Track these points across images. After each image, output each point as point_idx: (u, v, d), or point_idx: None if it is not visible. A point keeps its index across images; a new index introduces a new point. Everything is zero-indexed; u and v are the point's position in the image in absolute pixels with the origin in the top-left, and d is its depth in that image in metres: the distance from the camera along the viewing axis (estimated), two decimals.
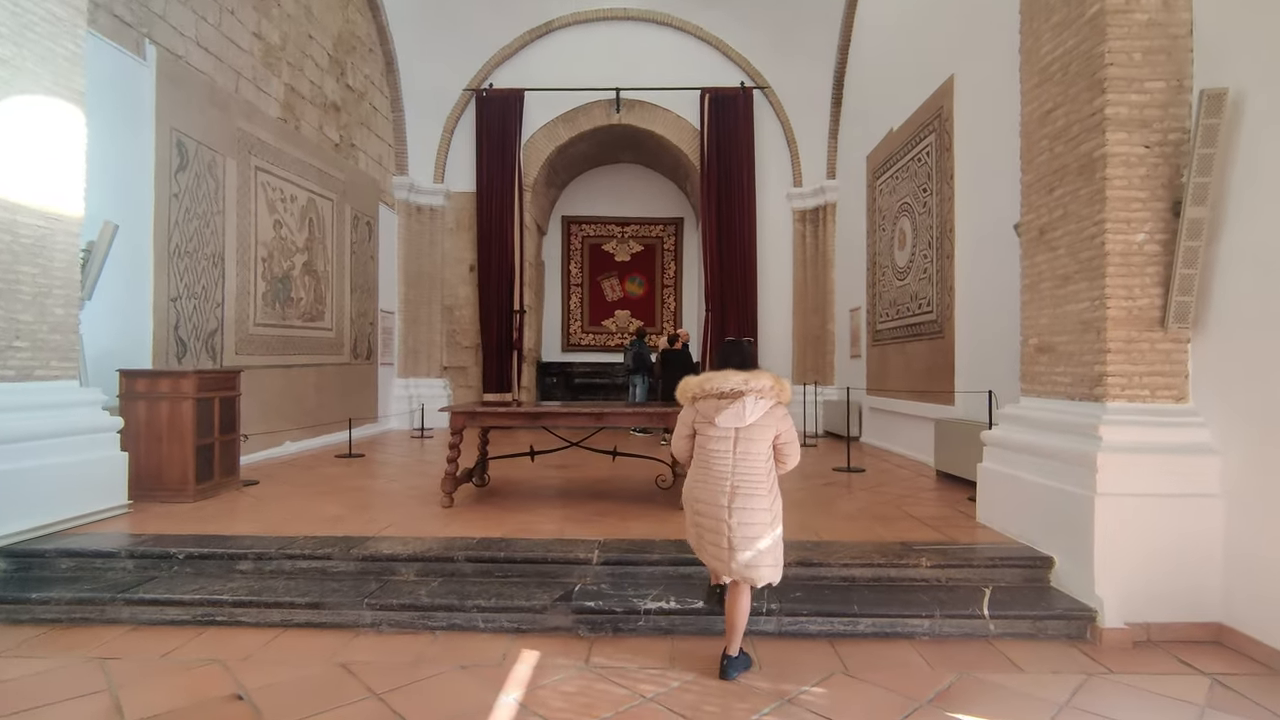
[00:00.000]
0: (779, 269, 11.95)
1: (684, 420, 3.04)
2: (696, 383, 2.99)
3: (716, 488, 2.86)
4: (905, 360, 8.04)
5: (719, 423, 2.86)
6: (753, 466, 2.85)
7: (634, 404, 10.72)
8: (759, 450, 2.87)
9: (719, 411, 2.86)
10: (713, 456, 2.89)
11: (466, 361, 12.17)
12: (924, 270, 7.51)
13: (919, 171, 7.65)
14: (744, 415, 2.84)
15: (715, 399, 2.90)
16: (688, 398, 3.01)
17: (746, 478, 2.84)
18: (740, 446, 2.85)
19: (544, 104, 12.01)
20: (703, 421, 2.93)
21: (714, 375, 2.94)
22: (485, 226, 11.87)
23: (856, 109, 10.35)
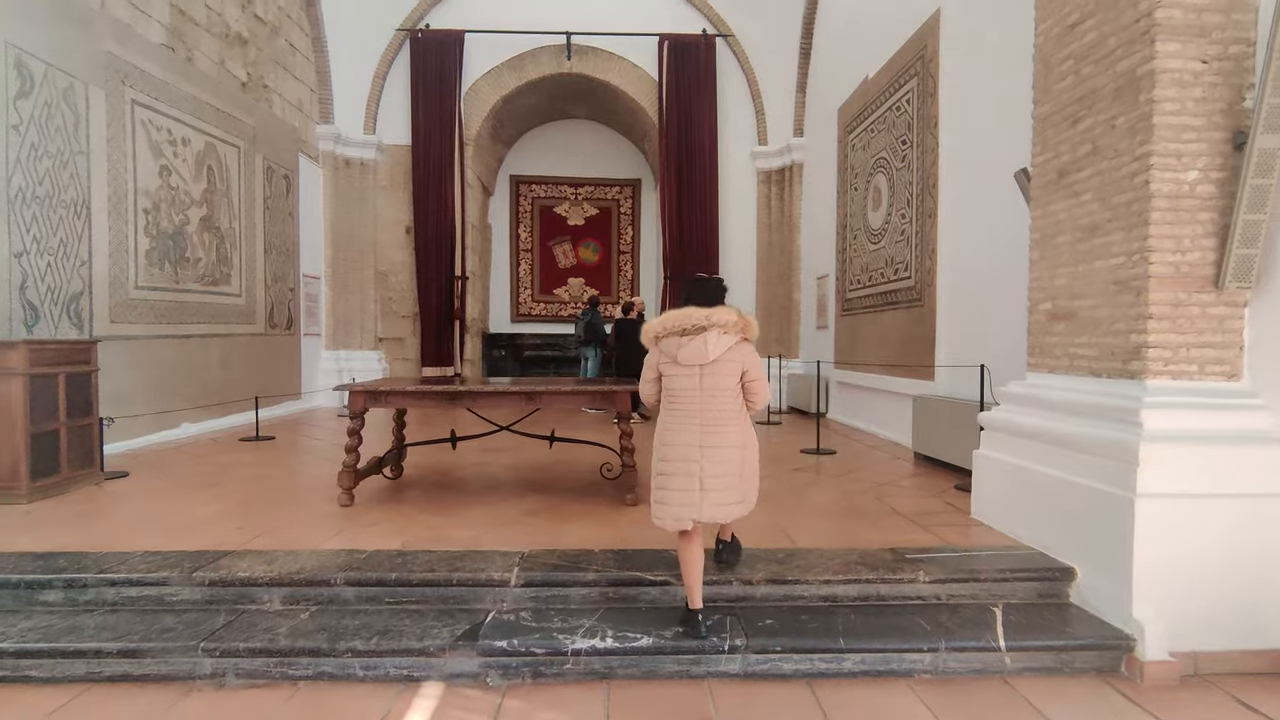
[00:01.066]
0: (742, 234, 11.17)
1: (649, 363, 2.91)
2: (658, 322, 2.84)
3: (686, 427, 2.75)
4: (878, 331, 7.38)
5: (681, 359, 2.75)
6: (720, 404, 2.76)
7: (583, 380, 9.89)
8: (725, 386, 2.77)
9: (680, 348, 2.76)
10: (679, 396, 2.78)
11: (403, 332, 11.15)
12: (901, 232, 6.81)
13: (897, 122, 6.90)
14: (706, 351, 2.72)
15: (677, 336, 2.78)
16: (650, 338, 2.87)
17: (718, 415, 2.75)
18: (706, 383, 2.75)
19: (487, 48, 10.88)
20: (666, 360, 2.82)
21: (675, 312, 2.83)
22: (422, 184, 10.77)
23: (827, 58, 9.54)
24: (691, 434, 2.73)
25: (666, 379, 2.82)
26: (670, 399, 2.81)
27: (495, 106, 11.16)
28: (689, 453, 2.72)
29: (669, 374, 2.81)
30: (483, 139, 11.46)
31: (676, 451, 2.75)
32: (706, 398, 2.74)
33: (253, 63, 8.56)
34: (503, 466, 5.60)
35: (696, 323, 2.73)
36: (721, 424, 2.74)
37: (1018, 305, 4.65)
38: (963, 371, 5.53)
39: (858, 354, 7.99)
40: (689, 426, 2.74)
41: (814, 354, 9.95)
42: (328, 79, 10.36)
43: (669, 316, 2.82)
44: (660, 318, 2.86)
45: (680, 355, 2.74)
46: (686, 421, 2.74)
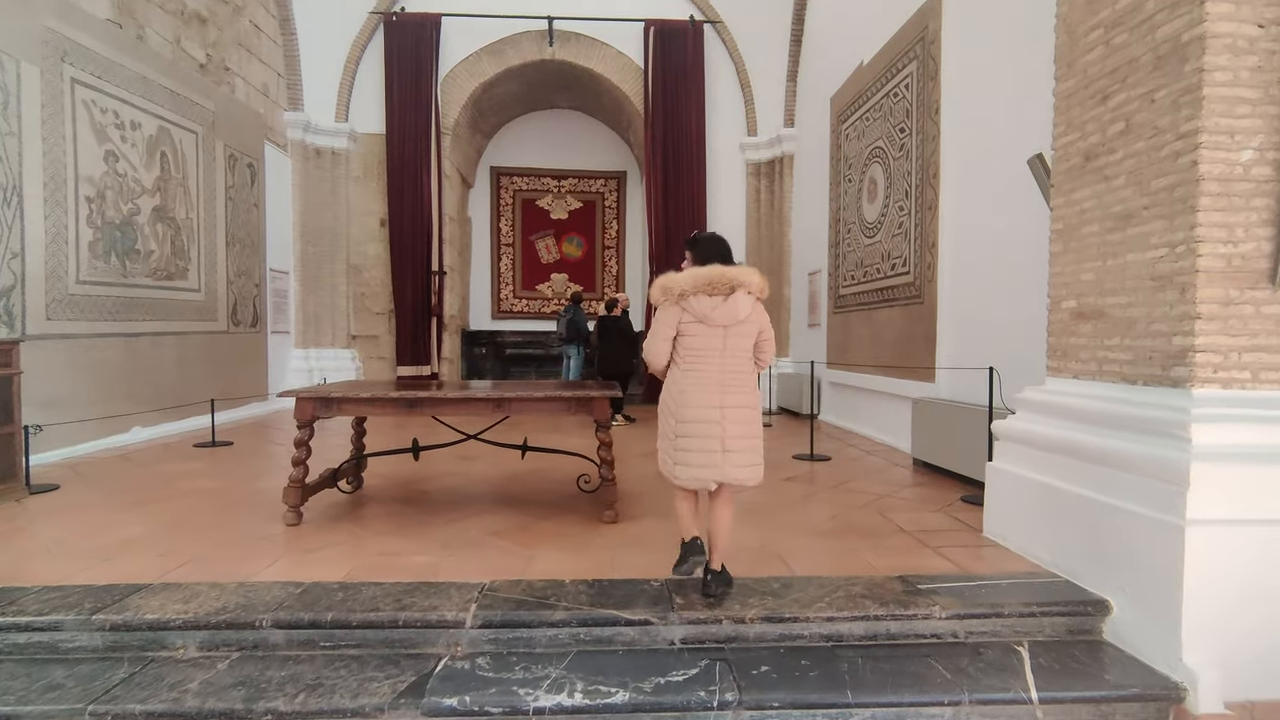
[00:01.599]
0: (731, 228, 10.75)
1: (667, 320, 2.77)
2: (687, 278, 2.73)
3: (706, 387, 2.72)
4: (873, 330, 7.03)
5: (714, 319, 2.69)
6: (740, 364, 2.78)
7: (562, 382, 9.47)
8: (745, 347, 2.78)
9: (714, 308, 2.69)
10: (700, 355, 2.74)
11: (378, 330, 10.68)
12: (899, 224, 6.45)
13: (895, 109, 6.54)
14: (736, 310, 2.70)
15: (707, 295, 2.70)
16: (674, 294, 2.74)
17: (736, 375, 2.76)
18: (730, 343, 2.74)
19: (466, 32, 10.42)
20: (691, 320, 2.73)
21: (705, 270, 2.73)
22: (397, 175, 10.30)
23: (819, 45, 9.17)
24: (711, 394, 2.71)
25: (686, 339, 2.75)
26: (689, 359, 2.75)
27: (474, 94, 10.70)
28: (710, 414, 2.70)
29: (691, 333, 2.74)
30: (461, 128, 11.00)
31: (697, 413, 2.71)
32: (727, 358, 2.73)
33: (213, 44, 8.06)
34: (474, 477, 5.17)
35: (727, 281, 2.69)
36: (739, 384, 2.75)
37: (1028, 303, 4.30)
38: (967, 374, 5.18)
39: (851, 353, 7.64)
40: (709, 386, 2.71)
41: (805, 353, 9.60)
42: (296, 64, 9.86)
43: (698, 273, 2.73)
44: (689, 273, 2.76)
45: (713, 315, 2.68)
46: (705, 381, 2.72)
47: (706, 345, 2.72)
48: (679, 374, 2.78)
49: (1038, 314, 3.80)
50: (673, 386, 2.79)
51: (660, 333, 2.78)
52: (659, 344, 2.79)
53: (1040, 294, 3.76)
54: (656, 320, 2.80)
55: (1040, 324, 3.55)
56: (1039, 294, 3.87)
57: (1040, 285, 3.90)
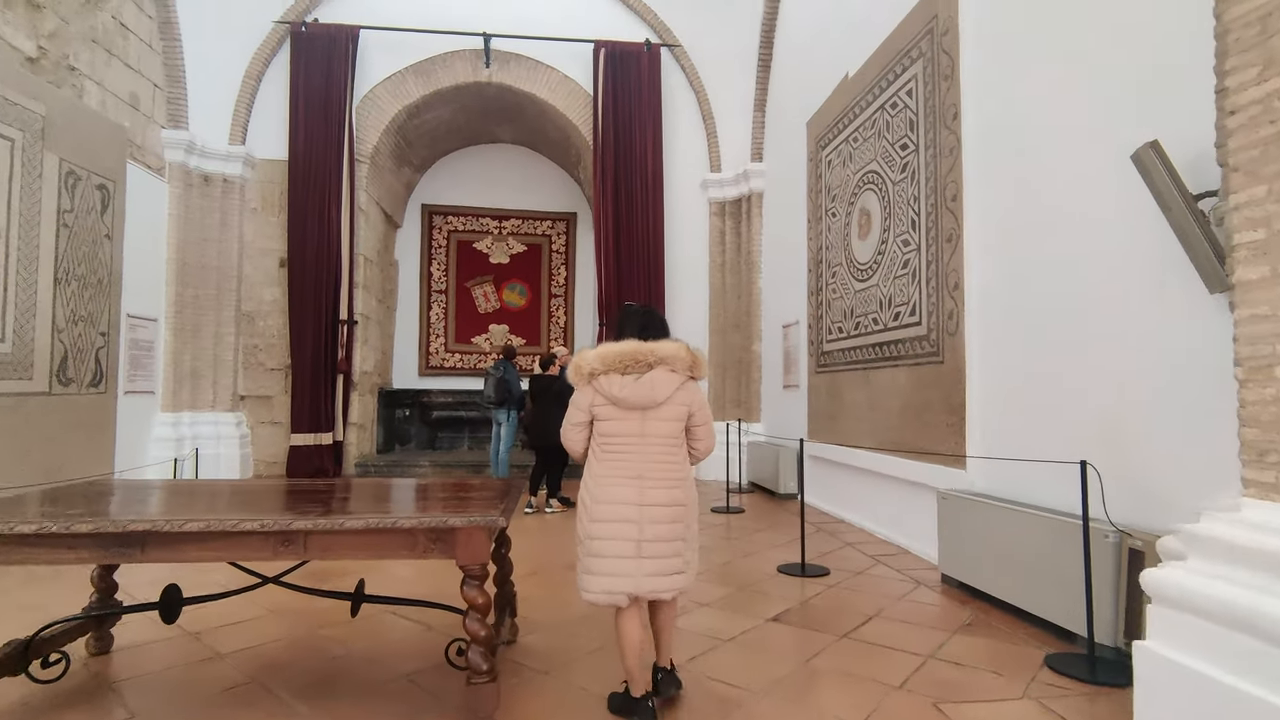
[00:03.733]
0: (692, 275, 9.45)
1: (578, 404, 2.44)
2: (596, 356, 2.39)
3: (622, 481, 2.35)
4: (870, 395, 5.61)
5: (623, 401, 2.36)
6: (665, 453, 2.40)
7: (498, 463, 7.85)
8: (670, 433, 2.42)
9: (623, 389, 2.36)
10: (616, 444, 2.39)
11: (272, 389, 8.90)
12: (903, 263, 5.12)
13: (894, 123, 5.29)
14: (654, 392, 2.36)
15: (619, 374, 2.37)
16: (584, 375, 2.40)
17: (660, 465, 2.38)
18: (649, 428, 2.38)
19: (389, 48, 9.09)
20: (603, 403, 2.39)
21: (617, 346, 2.40)
22: (299, 207, 8.73)
23: (792, 67, 8.05)
24: (628, 489, 2.35)
25: (600, 424, 2.42)
26: (604, 447, 2.41)
27: (398, 120, 9.30)
28: (625, 511, 2.33)
29: (604, 418, 2.40)
30: (382, 158, 9.54)
31: (611, 510, 2.34)
32: (648, 446, 2.38)
33: (50, 35, 6.49)
34: (276, 638, 3.37)
35: (642, 359, 2.37)
36: (663, 476, 2.38)
37: (1122, 366, 2.90)
38: (1012, 461, 3.75)
39: (841, 423, 6.19)
40: (626, 480, 2.36)
41: (781, 419, 8.15)
42: (180, 74, 8.32)
43: (609, 350, 2.40)
44: (598, 351, 2.42)
45: (623, 396, 2.35)
46: (623, 474, 2.36)
47: (622, 431, 2.39)
48: (594, 464, 2.44)
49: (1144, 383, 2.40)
50: (589, 479, 2.44)
51: (573, 417, 2.46)
52: (571, 430, 2.47)
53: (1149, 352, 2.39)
54: (571, 403, 2.47)
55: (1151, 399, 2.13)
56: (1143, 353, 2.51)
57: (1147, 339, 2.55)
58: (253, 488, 3.12)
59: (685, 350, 2.43)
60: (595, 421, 2.42)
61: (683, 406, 2.42)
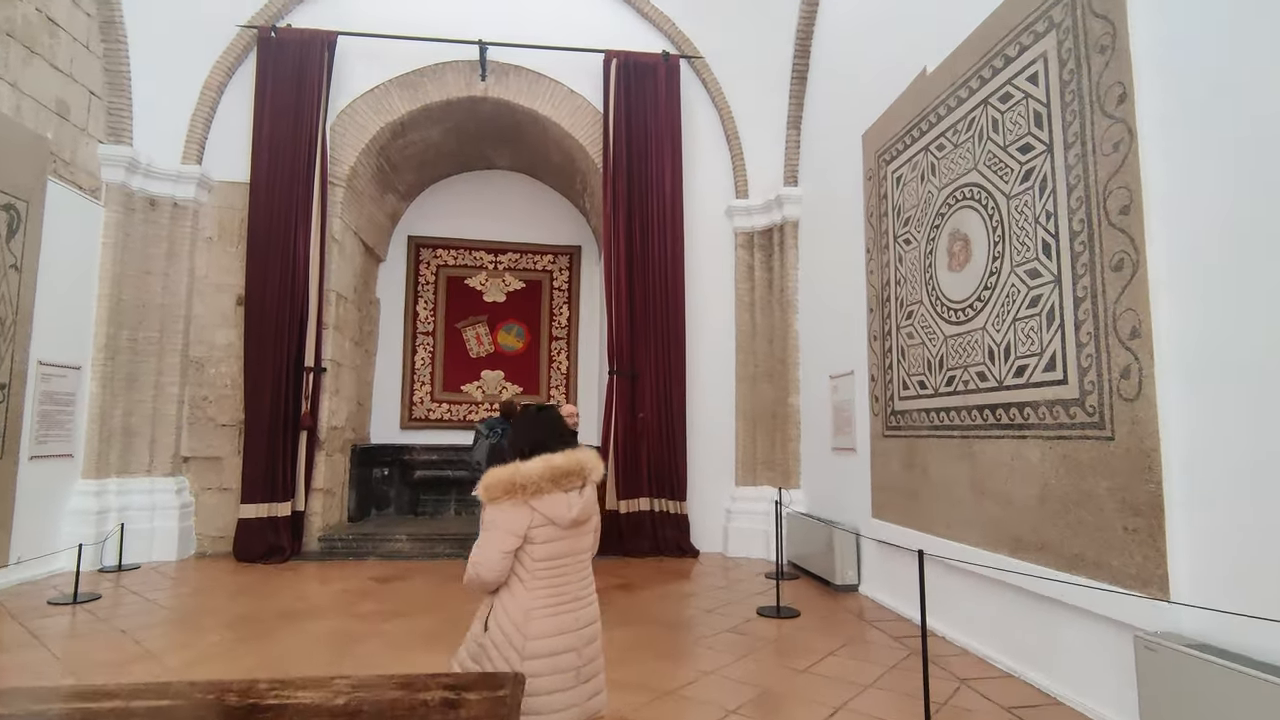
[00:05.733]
0: (716, 315, 8.19)
1: (512, 525, 2.10)
2: (536, 472, 2.11)
3: (563, 609, 2.15)
4: (975, 472, 4.28)
5: (574, 520, 2.17)
6: (587, 568, 2.29)
7: None
8: (591, 545, 2.31)
9: (571, 507, 2.16)
10: (554, 569, 2.17)
11: (223, 449, 7.51)
12: (1029, 300, 3.85)
13: (1007, 120, 4.08)
14: (587, 505, 2.23)
15: (560, 491, 2.15)
16: (526, 491, 2.09)
17: (585, 583, 2.26)
18: (578, 545, 2.23)
19: (370, 58, 7.98)
20: (542, 523, 2.12)
21: (557, 458, 2.18)
22: (260, 235, 7.48)
23: (837, 72, 6.93)
24: (567, 617, 2.16)
25: (535, 548, 2.13)
26: (537, 574, 2.15)
27: (380, 139, 8.13)
28: (568, 641, 2.14)
29: (542, 540, 2.14)
30: (361, 182, 8.35)
31: (552, 644, 2.11)
32: (576, 565, 2.23)
33: None
34: None
35: (577, 472, 2.20)
36: (589, 593, 2.27)
37: None
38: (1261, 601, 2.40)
39: (927, 504, 4.84)
40: (565, 607, 2.17)
41: (829, 488, 6.78)
42: (125, 82, 7.15)
43: (554, 463, 2.16)
44: (541, 463, 2.14)
45: (572, 516, 2.16)
46: (561, 600, 2.16)
47: (559, 554, 2.16)
48: (523, 593, 2.13)
49: None
50: (514, 610, 2.11)
51: (501, 543, 2.10)
52: (499, 560, 2.10)
53: None
54: (494, 525, 2.11)
55: None
56: None
57: None
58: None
59: (599, 459, 2.33)
60: (526, 545, 2.16)
61: (597, 516, 2.36)
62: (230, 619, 4.87)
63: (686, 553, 7.55)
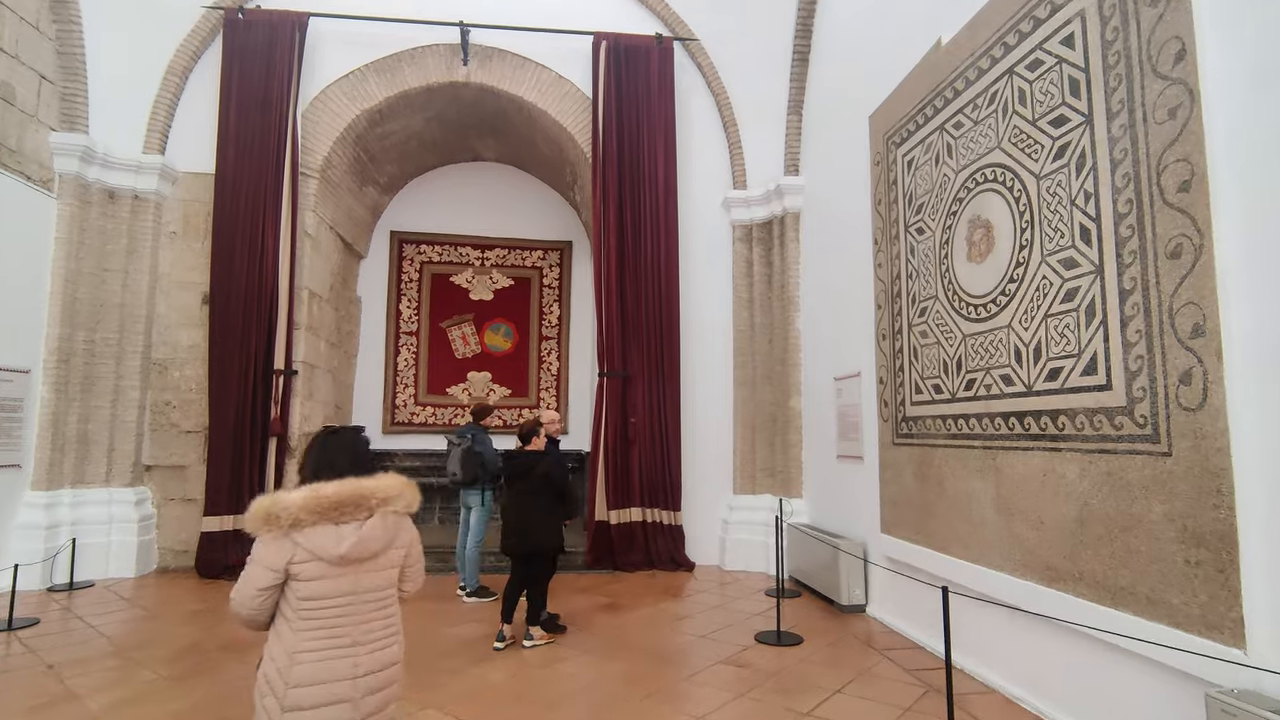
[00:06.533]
0: (712, 313, 7.72)
1: (269, 563, 1.92)
2: (297, 501, 1.93)
3: (334, 655, 1.92)
4: (1001, 488, 3.81)
5: (344, 557, 1.93)
6: (380, 609, 2.04)
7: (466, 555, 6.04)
8: (388, 582, 2.07)
9: (342, 541, 1.94)
10: (325, 610, 1.94)
11: (188, 457, 7.05)
12: (1064, 293, 3.37)
13: (1036, 90, 3.61)
14: (374, 540, 1.99)
15: (330, 524, 1.95)
16: (280, 525, 1.91)
17: (375, 628, 2.01)
18: (365, 582, 2.00)
19: (344, 42, 7.52)
20: (307, 560, 1.92)
21: (327, 488, 1.98)
22: (227, 230, 7.02)
23: (843, 52, 6.46)
24: (340, 664, 1.92)
25: (300, 585, 1.93)
26: (304, 615, 1.93)
27: (356, 127, 7.66)
28: (338, 691, 1.90)
29: (308, 577, 1.93)
30: (337, 173, 7.88)
31: (317, 694, 1.88)
32: (363, 605, 2.00)
33: None
34: None
35: (364, 502, 1.98)
36: (379, 636, 2.02)
37: None
38: None
39: (942, 521, 4.37)
40: (337, 653, 1.93)
41: (833, 498, 6.32)
42: (80, 66, 6.70)
43: (322, 492, 1.96)
44: (305, 493, 1.95)
45: (342, 552, 1.93)
46: (332, 646, 1.93)
47: (331, 593, 1.94)
48: (289, 634, 1.92)
49: None
50: (278, 654, 1.92)
51: (257, 579, 1.92)
52: (255, 599, 1.92)
53: None
54: (253, 561, 1.93)
55: None
56: None
57: None
58: None
59: (407, 486, 2.12)
60: (291, 583, 1.93)
61: (400, 550, 2.11)
62: (173, 650, 4.41)
63: (681, 566, 7.08)
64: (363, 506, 1.99)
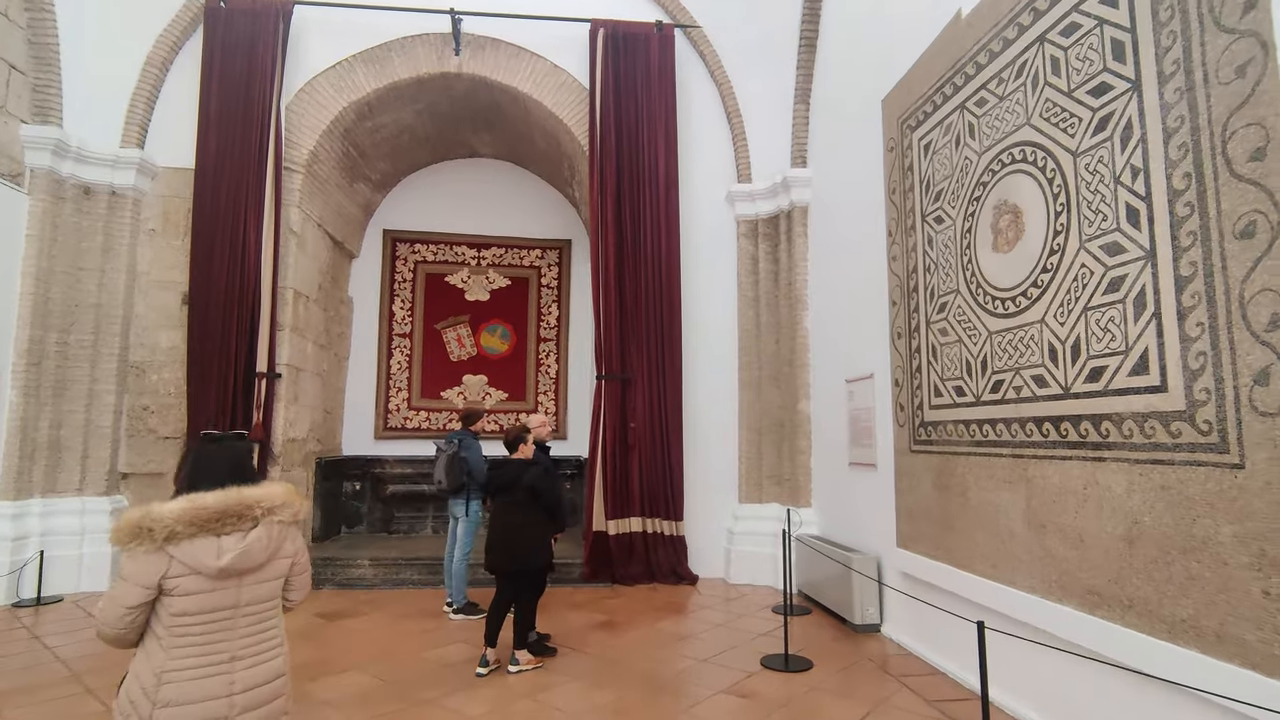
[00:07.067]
0: (716, 313, 7.36)
1: (139, 579, 1.80)
2: (173, 513, 1.81)
3: (208, 673, 1.82)
4: (1032, 500, 3.43)
5: (224, 570, 1.84)
6: (262, 623, 1.96)
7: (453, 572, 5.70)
8: (272, 594, 1.98)
9: (223, 554, 1.84)
10: (201, 626, 1.84)
11: (166, 463, 6.73)
12: (1107, 282, 3.00)
13: (1071, 57, 3.24)
14: (259, 551, 1.90)
15: (211, 536, 1.84)
16: (154, 539, 1.79)
17: (257, 642, 1.93)
18: (248, 596, 1.91)
19: (331, 32, 7.21)
20: (184, 574, 1.81)
21: (211, 498, 1.87)
22: (206, 227, 6.71)
23: (850, 36, 6.10)
24: (215, 682, 1.83)
25: (173, 601, 1.81)
26: (176, 631, 1.82)
27: (344, 120, 7.35)
28: (214, 710, 1.81)
29: (183, 592, 1.81)
30: (324, 168, 7.57)
31: (187, 713, 1.79)
32: (243, 618, 1.91)
33: None
34: None
35: (248, 513, 1.88)
36: (260, 651, 1.93)
37: None
38: None
39: (964, 536, 3.98)
40: (211, 670, 1.83)
41: (845, 509, 5.93)
42: (54, 56, 6.42)
43: (201, 503, 1.84)
44: (183, 504, 1.83)
45: (223, 565, 1.83)
46: (207, 663, 1.83)
47: (208, 607, 1.83)
48: (158, 652, 1.81)
49: None
50: (144, 674, 1.80)
51: (125, 596, 1.79)
52: (123, 616, 1.79)
53: None
54: (122, 577, 1.83)
55: None
56: None
57: None
58: None
59: (293, 493, 2.02)
60: (163, 598, 1.82)
61: (287, 560, 2.02)
62: None
63: (684, 579, 6.70)
64: (246, 516, 1.89)
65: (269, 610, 1.98)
